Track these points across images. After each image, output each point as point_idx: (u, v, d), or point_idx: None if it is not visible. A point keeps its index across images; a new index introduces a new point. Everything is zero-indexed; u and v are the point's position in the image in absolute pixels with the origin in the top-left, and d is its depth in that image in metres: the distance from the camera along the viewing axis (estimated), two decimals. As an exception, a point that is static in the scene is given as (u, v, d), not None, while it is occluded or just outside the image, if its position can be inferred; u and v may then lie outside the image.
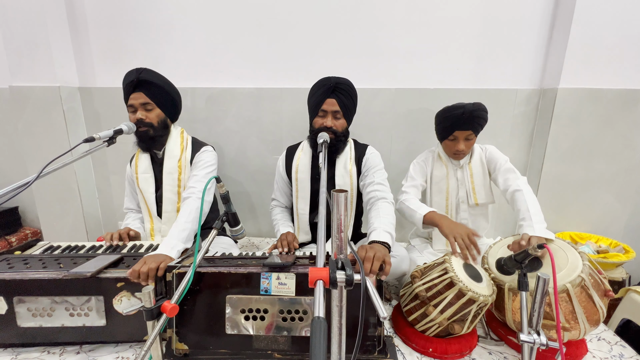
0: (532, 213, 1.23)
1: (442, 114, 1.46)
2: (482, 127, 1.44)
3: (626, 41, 1.67)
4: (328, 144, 1.21)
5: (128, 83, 1.34)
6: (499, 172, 1.44)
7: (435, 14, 1.77)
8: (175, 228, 1.25)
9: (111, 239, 1.35)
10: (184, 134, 1.50)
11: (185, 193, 1.40)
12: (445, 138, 1.46)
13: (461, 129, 1.40)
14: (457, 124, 1.39)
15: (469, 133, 1.41)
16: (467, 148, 1.44)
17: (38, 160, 2.01)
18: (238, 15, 1.85)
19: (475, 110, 1.37)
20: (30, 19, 1.81)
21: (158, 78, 1.40)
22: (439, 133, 1.50)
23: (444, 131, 1.45)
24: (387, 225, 1.24)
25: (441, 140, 1.51)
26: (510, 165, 1.43)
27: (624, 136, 1.78)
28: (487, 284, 1.12)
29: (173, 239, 1.21)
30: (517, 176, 1.39)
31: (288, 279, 1.01)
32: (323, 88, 1.38)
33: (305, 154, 1.52)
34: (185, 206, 1.34)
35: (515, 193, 1.33)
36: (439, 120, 1.48)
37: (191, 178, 1.43)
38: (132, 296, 1.05)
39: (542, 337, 0.92)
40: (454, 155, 1.49)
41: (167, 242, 1.19)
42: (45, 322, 1.07)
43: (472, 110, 1.36)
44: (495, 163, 1.46)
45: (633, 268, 1.79)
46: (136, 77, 1.33)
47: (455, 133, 1.41)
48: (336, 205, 0.60)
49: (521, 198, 1.29)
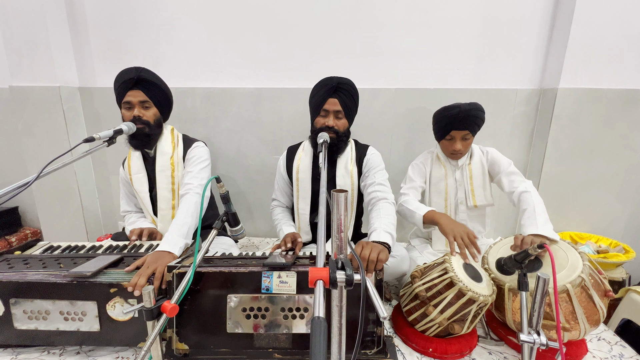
0: (537, 213, 1.24)
1: (438, 114, 1.47)
2: (480, 126, 1.44)
3: (626, 41, 1.67)
4: (329, 144, 1.21)
5: (126, 80, 1.34)
6: (503, 174, 1.44)
7: (435, 14, 1.77)
8: (175, 224, 1.25)
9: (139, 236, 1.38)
10: (174, 131, 1.51)
11: (182, 190, 1.40)
12: (442, 138, 1.47)
13: (458, 129, 1.41)
14: (454, 124, 1.40)
15: (466, 133, 1.42)
16: (464, 148, 1.45)
17: (38, 160, 2.01)
18: (238, 15, 1.85)
19: (471, 109, 1.38)
20: (30, 19, 1.81)
21: (156, 78, 1.41)
22: (436, 133, 1.50)
23: (440, 131, 1.46)
24: (388, 226, 1.24)
25: (438, 140, 1.52)
26: (515, 168, 1.44)
27: (624, 136, 1.78)
28: (487, 284, 1.12)
29: (174, 235, 1.21)
30: (523, 179, 1.41)
31: (289, 277, 1.02)
32: (325, 88, 1.38)
33: (306, 154, 1.52)
34: (184, 202, 1.34)
35: (523, 194, 1.34)
36: (436, 120, 1.49)
37: (186, 175, 1.43)
38: (125, 302, 1.03)
39: (542, 337, 0.92)
40: (451, 155, 1.49)
41: (167, 239, 1.18)
42: (40, 325, 1.05)
43: (468, 110, 1.37)
44: (499, 166, 1.46)
45: (633, 268, 1.79)
46: (136, 75, 1.33)
47: (452, 133, 1.42)
48: (336, 205, 0.60)
49: (529, 199, 1.30)
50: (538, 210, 1.25)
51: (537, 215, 1.23)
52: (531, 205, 1.28)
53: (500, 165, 1.46)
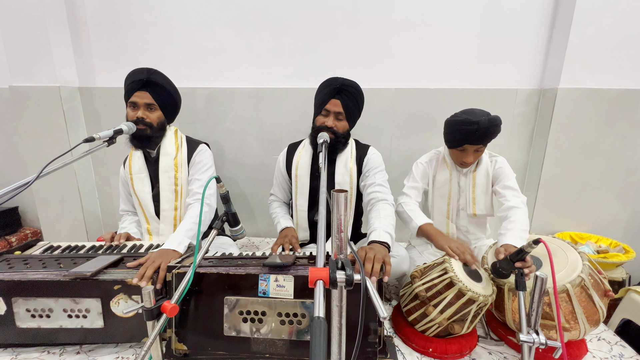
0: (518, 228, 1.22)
1: (454, 125, 1.35)
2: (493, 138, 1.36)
3: (626, 41, 1.67)
4: (327, 144, 1.21)
5: (135, 80, 1.34)
6: (500, 186, 1.41)
7: (435, 13, 1.77)
8: (183, 227, 1.28)
9: (111, 240, 1.36)
10: (178, 132, 1.51)
11: (190, 199, 1.43)
12: (453, 147, 1.40)
13: (472, 143, 1.33)
14: (469, 139, 1.31)
15: (479, 147, 1.35)
16: (474, 160, 1.39)
17: (38, 160, 2.01)
18: (238, 16, 1.85)
19: (490, 126, 1.28)
20: (31, 19, 1.81)
21: (167, 81, 1.41)
22: (448, 141, 1.42)
23: (453, 142, 1.38)
24: (387, 226, 1.24)
25: (449, 148, 1.44)
26: (514, 184, 1.40)
27: (624, 136, 1.78)
28: (487, 284, 1.12)
29: (180, 235, 1.24)
30: (518, 194, 1.37)
31: (286, 281, 1.00)
32: (329, 88, 1.38)
33: (306, 152, 1.52)
34: (192, 210, 1.38)
35: (512, 209, 1.31)
36: (450, 131, 1.39)
37: (193, 182, 1.45)
38: (129, 299, 1.05)
39: (541, 336, 0.92)
40: (460, 165, 1.44)
41: (173, 238, 1.22)
42: (43, 323, 1.06)
43: (487, 127, 1.28)
44: (502, 177, 1.42)
45: (633, 268, 1.79)
46: (146, 76, 1.33)
47: (465, 146, 1.35)
48: (336, 205, 0.60)
49: (516, 213, 1.28)
50: (519, 226, 1.23)
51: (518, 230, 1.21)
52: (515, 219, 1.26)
53: (502, 178, 1.42)
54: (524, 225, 1.25)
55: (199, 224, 0.94)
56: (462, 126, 1.31)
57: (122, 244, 1.34)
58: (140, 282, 1.02)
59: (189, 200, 1.43)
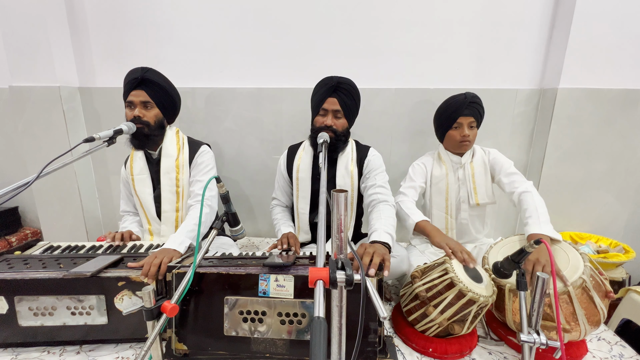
0: (539, 213, 1.23)
1: (443, 106, 1.50)
2: (482, 117, 1.48)
3: (626, 41, 1.67)
4: (328, 144, 1.21)
5: (131, 80, 1.34)
6: (503, 174, 1.44)
7: (435, 13, 1.77)
8: (184, 228, 1.29)
9: (113, 239, 1.36)
10: (179, 133, 1.51)
11: (192, 200, 1.43)
12: (449, 128, 1.46)
13: (465, 115, 1.41)
14: (461, 110, 1.41)
15: (472, 120, 1.43)
16: (472, 135, 1.45)
17: (38, 160, 2.01)
18: (238, 15, 1.85)
19: (476, 96, 1.45)
20: (31, 19, 1.81)
21: (162, 79, 1.41)
22: (441, 126, 1.50)
23: (447, 121, 1.46)
24: (388, 227, 1.24)
25: (444, 133, 1.50)
26: (515, 169, 1.44)
27: (624, 136, 1.78)
28: (487, 285, 1.11)
29: (181, 235, 1.25)
30: (523, 179, 1.40)
31: (287, 281, 1.00)
32: (325, 87, 1.39)
33: (307, 154, 1.52)
34: (193, 211, 1.38)
35: (523, 194, 1.33)
36: (441, 112, 1.50)
37: (195, 183, 1.45)
38: (133, 295, 1.06)
39: (542, 336, 0.91)
40: (460, 145, 1.46)
41: (174, 238, 1.22)
42: (46, 320, 1.07)
43: (474, 96, 1.44)
44: (500, 166, 1.46)
45: (633, 268, 1.79)
46: (141, 75, 1.33)
47: (459, 120, 1.43)
48: (336, 205, 0.60)
49: (529, 199, 1.30)
50: (540, 210, 1.25)
51: (540, 215, 1.22)
52: (532, 205, 1.27)
53: (501, 166, 1.46)
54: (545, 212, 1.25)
55: (199, 225, 0.94)
56: (451, 100, 1.47)
57: (122, 244, 1.34)
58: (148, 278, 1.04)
59: (191, 201, 1.44)
